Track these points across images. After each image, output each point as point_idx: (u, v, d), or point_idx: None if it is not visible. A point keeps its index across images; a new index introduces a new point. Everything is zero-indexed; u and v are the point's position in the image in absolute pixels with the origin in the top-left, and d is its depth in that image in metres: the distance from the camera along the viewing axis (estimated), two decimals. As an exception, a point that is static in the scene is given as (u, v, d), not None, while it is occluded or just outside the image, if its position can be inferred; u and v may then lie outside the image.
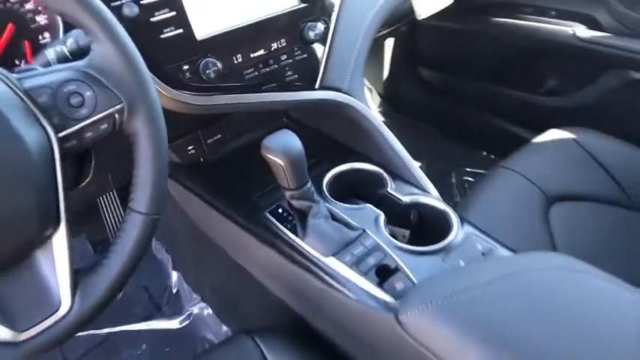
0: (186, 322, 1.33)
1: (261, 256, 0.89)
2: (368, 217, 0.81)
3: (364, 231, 0.78)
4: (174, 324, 1.33)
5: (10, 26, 0.72)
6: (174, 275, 1.42)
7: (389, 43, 1.94)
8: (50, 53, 0.59)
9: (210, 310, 1.32)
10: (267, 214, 0.85)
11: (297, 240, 0.79)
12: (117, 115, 0.52)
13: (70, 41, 0.59)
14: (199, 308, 1.33)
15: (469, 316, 0.56)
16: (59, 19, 0.73)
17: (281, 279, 0.92)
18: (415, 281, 0.71)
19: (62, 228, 0.51)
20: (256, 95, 0.80)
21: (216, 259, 1.20)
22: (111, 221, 1.42)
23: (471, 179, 1.76)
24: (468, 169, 1.80)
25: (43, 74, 0.50)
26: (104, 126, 0.52)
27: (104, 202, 1.42)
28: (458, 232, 0.79)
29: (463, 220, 0.82)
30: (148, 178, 0.54)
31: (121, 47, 0.51)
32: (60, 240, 0.51)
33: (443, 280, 0.64)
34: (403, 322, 0.62)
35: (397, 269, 0.73)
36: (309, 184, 0.74)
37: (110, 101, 0.51)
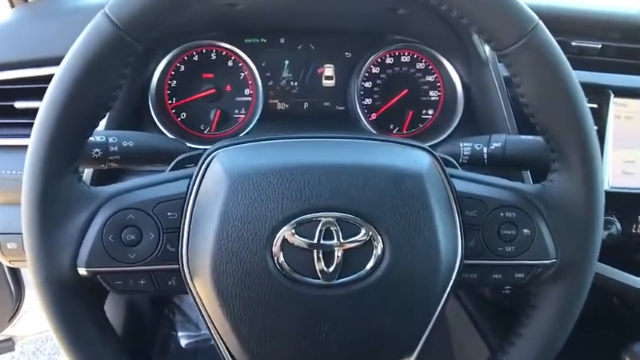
0: None
1: None
2: None
3: None
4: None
5: (404, 91, 0.69)
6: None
7: None
8: (465, 148, 0.51)
9: None
10: None
11: None
12: (539, 270, 0.40)
13: (495, 143, 0.50)
14: None
15: None
16: (456, 99, 0.67)
17: None
18: None
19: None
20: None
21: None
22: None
23: None
24: None
25: (480, 183, 0.41)
26: (520, 275, 0.41)
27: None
28: None
29: None
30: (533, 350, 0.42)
31: (593, 190, 0.39)
32: None
33: None
34: None
35: None
36: None
37: (543, 251, 0.40)
